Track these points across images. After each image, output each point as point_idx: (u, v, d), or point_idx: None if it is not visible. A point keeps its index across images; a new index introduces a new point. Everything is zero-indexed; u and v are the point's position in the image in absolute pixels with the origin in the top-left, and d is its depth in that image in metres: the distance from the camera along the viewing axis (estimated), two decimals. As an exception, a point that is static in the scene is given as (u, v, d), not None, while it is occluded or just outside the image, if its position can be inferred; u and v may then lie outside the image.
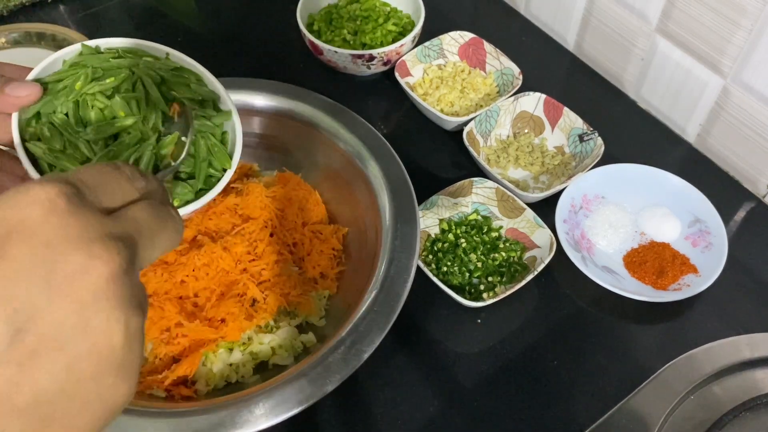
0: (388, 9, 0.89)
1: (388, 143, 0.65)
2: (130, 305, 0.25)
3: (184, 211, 0.44)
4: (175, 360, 0.59)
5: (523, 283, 0.63)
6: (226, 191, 0.61)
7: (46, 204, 0.24)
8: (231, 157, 0.48)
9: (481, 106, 0.81)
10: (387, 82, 0.86)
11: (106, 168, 0.28)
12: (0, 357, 0.22)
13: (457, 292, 0.63)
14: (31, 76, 0.44)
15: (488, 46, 0.84)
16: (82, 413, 0.24)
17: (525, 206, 0.70)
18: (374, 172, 0.63)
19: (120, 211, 0.27)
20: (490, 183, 0.71)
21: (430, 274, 0.64)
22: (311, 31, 0.86)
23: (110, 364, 0.24)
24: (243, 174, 0.72)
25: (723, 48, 0.70)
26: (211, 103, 0.49)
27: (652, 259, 0.68)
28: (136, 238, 0.27)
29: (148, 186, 0.30)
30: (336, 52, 0.81)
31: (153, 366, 0.58)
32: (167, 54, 0.49)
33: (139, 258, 0.27)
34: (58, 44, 0.88)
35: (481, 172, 0.75)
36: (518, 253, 0.68)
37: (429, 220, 0.70)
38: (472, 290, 0.66)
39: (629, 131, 0.81)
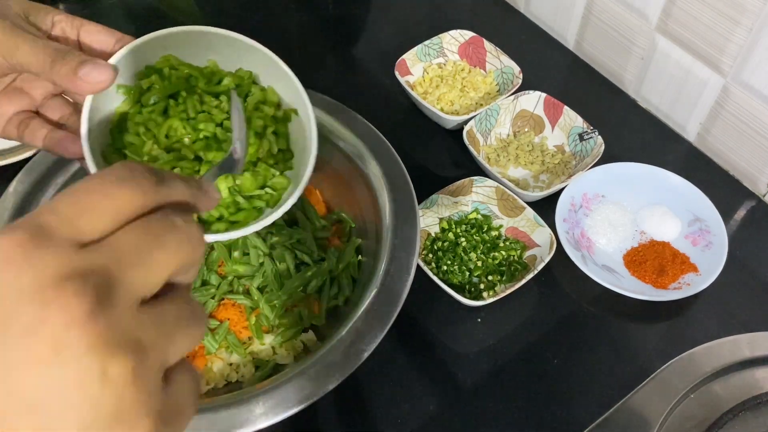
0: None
1: (388, 142, 0.65)
2: (108, 347, 0.21)
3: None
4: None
5: (523, 282, 0.63)
6: None
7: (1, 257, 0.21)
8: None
9: (481, 104, 0.81)
10: (387, 81, 0.86)
11: (93, 188, 0.23)
12: None
13: (457, 291, 0.63)
14: (113, 60, 0.42)
15: (488, 45, 0.84)
16: None
17: (525, 205, 0.69)
18: (374, 171, 0.63)
19: (102, 240, 0.23)
20: (490, 182, 0.71)
21: (430, 273, 0.64)
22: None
23: (97, 417, 0.21)
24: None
25: (723, 47, 0.70)
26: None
27: (652, 258, 0.68)
28: (112, 267, 0.22)
29: (170, 194, 0.26)
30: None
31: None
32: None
33: (123, 286, 0.22)
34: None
35: (481, 171, 0.75)
36: (518, 252, 0.68)
37: (429, 219, 0.70)
38: (472, 289, 0.66)
39: (629, 130, 0.81)
